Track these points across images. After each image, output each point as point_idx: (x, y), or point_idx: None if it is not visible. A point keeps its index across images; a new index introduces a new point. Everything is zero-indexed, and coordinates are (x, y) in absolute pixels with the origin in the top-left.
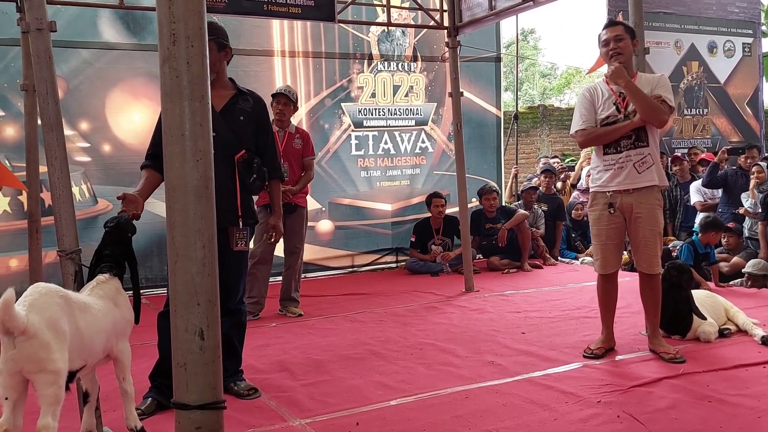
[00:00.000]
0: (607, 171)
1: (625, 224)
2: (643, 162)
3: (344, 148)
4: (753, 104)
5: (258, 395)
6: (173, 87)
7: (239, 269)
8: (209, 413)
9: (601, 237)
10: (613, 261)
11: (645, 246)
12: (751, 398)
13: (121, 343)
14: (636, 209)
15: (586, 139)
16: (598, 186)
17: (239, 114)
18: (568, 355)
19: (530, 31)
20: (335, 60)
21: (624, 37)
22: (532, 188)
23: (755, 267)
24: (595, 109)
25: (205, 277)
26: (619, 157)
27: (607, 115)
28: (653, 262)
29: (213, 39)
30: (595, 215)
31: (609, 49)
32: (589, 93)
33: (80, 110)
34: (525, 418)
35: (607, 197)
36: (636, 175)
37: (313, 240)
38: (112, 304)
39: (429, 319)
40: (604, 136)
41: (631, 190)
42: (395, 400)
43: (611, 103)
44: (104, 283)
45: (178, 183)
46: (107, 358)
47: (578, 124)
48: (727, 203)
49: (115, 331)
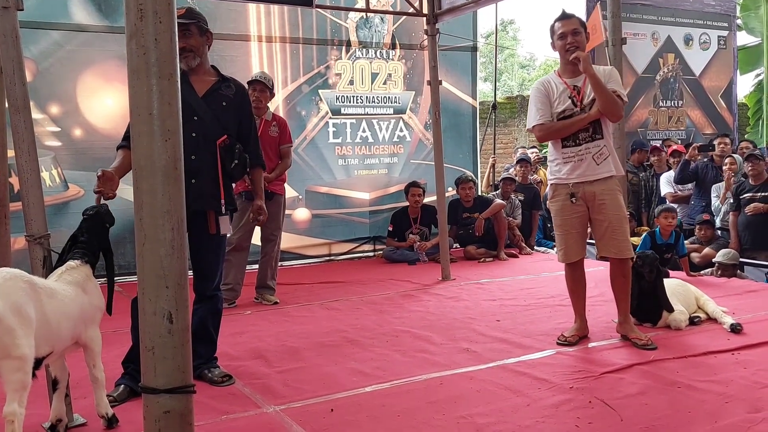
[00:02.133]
0: (567, 164)
1: (587, 213)
2: (600, 154)
3: (321, 136)
4: (727, 97)
5: (232, 382)
6: (140, 64)
7: (217, 255)
8: (178, 397)
9: (565, 226)
10: (576, 249)
11: (612, 231)
12: (718, 384)
13: (91, 330)
14: (599, 196)
15: (544, 133)
16: (558, 178)
17: (221, 99)
18: (541, 342)
19: (509, 22)
20: (313, 46)
21: (580, 30)
22: (510, 179)
23: (725, 257)
24: (551, 102)
25: (174, 259)
26: (578, 149)
27: (563, 109)
28: (623, 246)
29: (194, 23)
30: (558, 206)
31: (566, 42)
32: (543, 87)
33: (50, 93)
34: (498, 404)
35: (568, 188)
36: (595, 167)
37: (290, 228)
38: (81, 291)
39: (405, 306)
40: (563, 130)
41: (591, 180)
42: (370, 386)
43: (566, 96)
44: (74, 269)
45: (145, 163)
46: (76, 345)
47: (535, 119)
48: (699, 196)
49: (84, 317)
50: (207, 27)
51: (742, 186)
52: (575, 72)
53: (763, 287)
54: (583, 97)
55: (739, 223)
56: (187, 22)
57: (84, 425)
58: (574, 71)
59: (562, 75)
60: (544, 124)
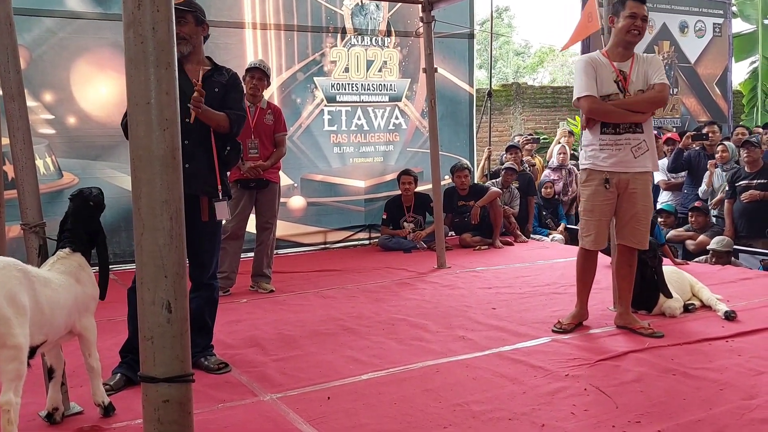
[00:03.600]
0: (603, 150)
1: (616, 200)
2: (639, 147)
3: (317, 124)
4: (722, 84)
5: (228, 370)
6: (138, 53)
7: (212, 242)
8: (177, 386)
9: (596, 212)
10: (603, 237)
11: (638, 221)
12: (714, 371)
13: (85, 319)
14: (632, 185)
15: (595, 107)
16: (594, 164)
17: (215, 86)
18: (537, 329)
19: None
20: (308, 33)
21: (647, 18)
22: (512, 169)
23: (719, 244)
24: (597, 80)
25: (172, 249)
26: (617, 138)
27: (608, 93)
28: (643, 237)
29: (191, 12)
30: (590, 191)
31: (634, 24)
32: (592, 63)
33: (44, 81)
34: (494, 392)
35: (603, 174)
36: (632, 160)
37: (286, 216)
38: (74, 280)
39: (401, 294)
40: (613, 115)
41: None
42: (366, 374)
43: (612, 80)
44: (65, 258)
45: (143, 153)
46: (71, 334)
47: (586, 89)
48: (692, 184)
49: (78, 306)
50: (204, 18)
51: (737, 173)
52: (624, 56)
53: (758, 275)
54: (630, 83)
55: (734, 211)
56: (184, 9)
57: (81, 413)
58: (623, 55)
59: (610, 57)
60: (596, 98)
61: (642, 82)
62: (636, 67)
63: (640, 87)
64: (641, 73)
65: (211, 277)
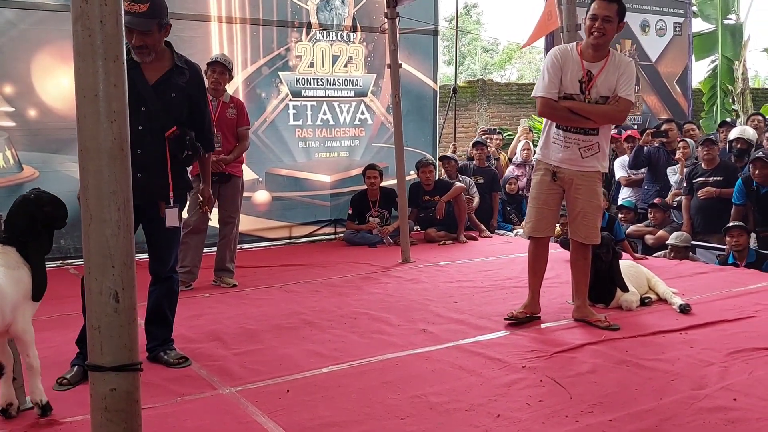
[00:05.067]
0: (554, 144)
1: (563, 194)
2: (589, 149)
3: (281, 118)
4: (682, 83)
5: (188, 364)
6: (86, 46)
7: (169, 239)
8: (124, 375)
9: (539, 201)
10: (544, 225)
11: (584, 217)
12: (666, 363)
13: (20, 321)
14: (577, 181)
15: (548, 110)
16: (542, 155)
17: (172, 90)
18: (496, 323)
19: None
20: (273, 28)
21: (613, 19)
22: (447, 157)
23: (678, 239)
24: (562, 77)
25: (120, 239)
26: (567, 135)
27: (571, 93)
28: (591, 233)
29: (156, 20)
30: (537, 179)
31: (594, 26)
32: (561, 56)
33: (3, 73)
34: (452, 383)
35: (550, 167)
36: (579, 159)
37: (250, 211)
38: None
39: (364, 289)
40: (564, 120)
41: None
42: (327, 367)
43: (577, 80)
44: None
45: (91, 144)
46: (7, 333)
47: (543, 90)
48: (652, 180)
49: (12, 304)
50: (167, 20)
51: (695, 170)
52: (595, 56)
53: (713, 269)
54: (593, 87)
55: (691, 207)
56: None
57: None
58: (594, 56)
59: (583, 55)
60: (550, 101)
61: (607, 88)
62: (606, 70)
63: (603, 93)
64: (610, 79)
65: (170, 270)
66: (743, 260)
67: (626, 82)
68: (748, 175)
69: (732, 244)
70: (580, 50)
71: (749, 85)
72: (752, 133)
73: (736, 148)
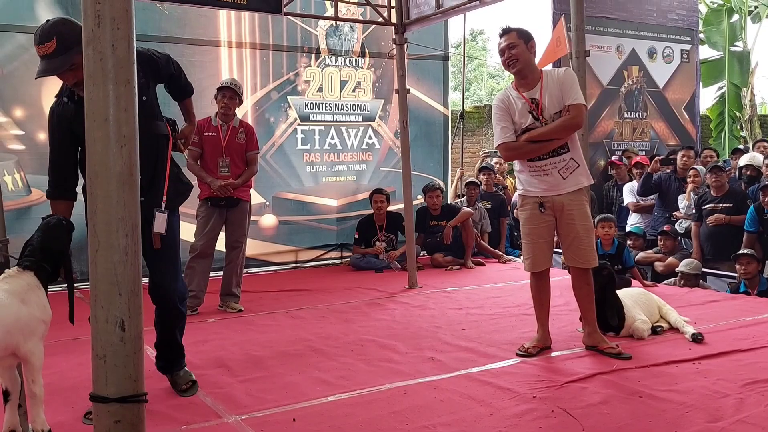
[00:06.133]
0: (533, 177)
1: (555, 223)
2: (567, 168)
3: (290, 143)
4: (690, 109)
5: (194, 392)
6: (97, 70)
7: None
8: (129, 407)
9: (532, 236)
10: (543, 259)
11: (580, 242)
12: (679, 393)
13: (30, 343)
14: (567, 207)
15: (512, 153)
16: (526, 190)
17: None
18: (506, 351)
19: (479, 32)
20: (282, 53)
21: (517, 43)
22: (474, 183)
23: (688, 266)
24: (512, 118)
25: (127, 266)
26: (543, 164)
27: (527, 125)
28: (589, 255)
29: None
30: (526, 215)
31: (505, 58)
32: (503, 103)
33: (15, 97)
34: (462, 414)
35: (537, 198)
36: (561, 181)
37: (257, 235)
38: (18, 300)
39: (371, 315)
40: (531, 153)
41: (559, 194)
42: (333, 396)
43: (526, 111)
44: (12, 277)
45: (100, 169)
46: (14, 357)
47: (501, 137)
48: (662, 207)
49: (21, 328)
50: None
51: (704, 197)
52: (530, 84)
53: (725, 297)
54: (543, 109)
55: (701, 234)
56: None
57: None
58: (528, 84)
59: (519, 88)
60: (509, 144)
61: (556, 104)
62: (547, 89)
63: (555, 110)
64: (554, 95)
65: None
66: (755, 288)
67: (570, 89)
68: (760, 203)
69: (741, 272)
70: (516, 86)
71: (757, 111)
72: (761, 159)
73: (745, 175)
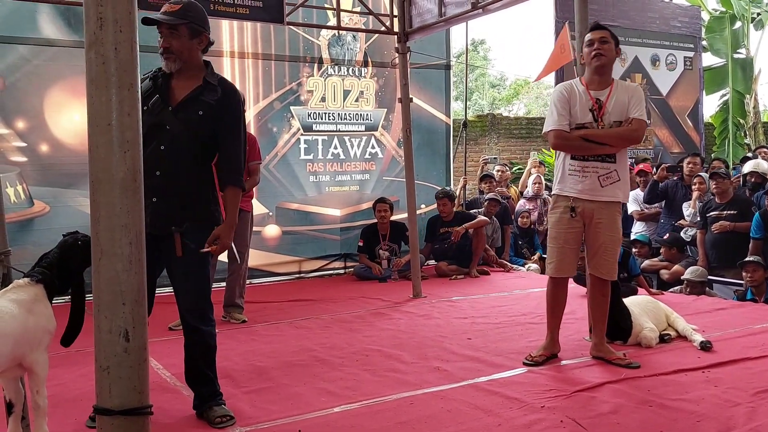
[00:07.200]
0: (571, 176)
1: (583, 229)
2: (608, 177)
3: (293, 152)
4: (693, 116)
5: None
6: (99, 74)
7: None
8: (134, 419)
9: (559, 240)
10: (567, 265)
11: (605, 252)
12: (690, 402)
13: (36, 354)
14: (597, 215)
15: (561, 142)
16: (560, 189)
17: (199, 108)
18: (513, 360)
19: (480, 42)
20: (285, 63)
21: (609, 40)
22: (495, 200)
23: (694, 274)
24: (571, 109)
25: (131, 275)
26: (585, 165)
27: (583, 123)
28: (612, 268)
29: (185, 23)
30: (555, 218)
31: (593, 49)
32: (566, 92)
33: (17, 108)
34: (470, 424)
35: (569, 201)
36: (598, 188)
37: (260, 245)
38: (25, 310)
39: (376, 325)
40: (581, 149)
41: (593, 200)
42: (339, 406)
43: (588, 109)
44: (21, 287)
45: (103, 176)
46: (20, 368)
47: (555, 123)
48: (668, 215)
49: (27, 339)
50: (203, 27)
51: (708, 204)
52: (600, 84)
53: (732, 305)
54: (604, 113)
55: (706, 241)
56: (176, 23)
57: None
58: (599, 83)
59: (588, 85)
60: (562, 132)
61: (619, 113)
62: (614, 96)
63: (616, 118)
64: (620, 102)
65: (199, 318)
66: (762, 295)
67: (637, 104)
68: (766, 209)
69: (748, 279)
70: (585, 82)
71: (761, 118)
72: (766, 166)
73: (750, 182)
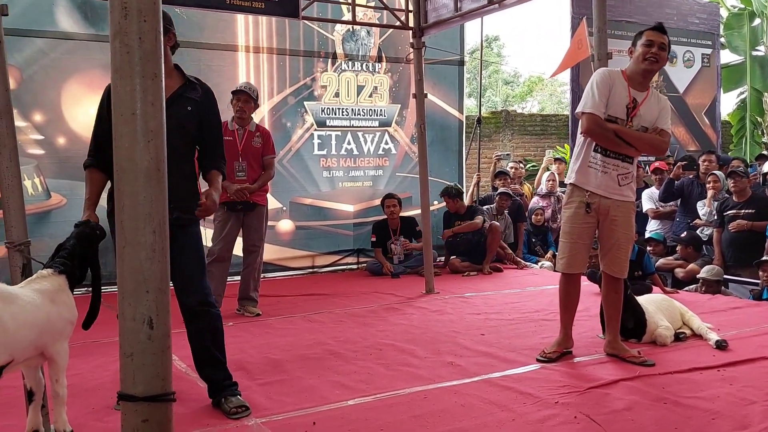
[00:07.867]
0: (590, 168)
1: (596, 226)
2: (626, 176)
3: (306, 148)
4: (710, 114)
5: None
6: (123, 63)
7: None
8: (157, 405)
9: (573, 235)
10: (579, 261)
11: (618, 249)
12: (705, 400)
13: (58, 344)
14: (613, 212)
15: (593, 127)
16: (577, 180)
17: (187, 104)
18: (526, 356)
19: (494, 38)
20: (299, 58)
21: (666, 48)
22: (506, 194)
23: (709, 273)
24: (609, 96)
25: (155, 263)
26: (605, 159)
27: (615, 117)
28: (624, 266)
29: None
30: (570, 212)
31: (650, 51)
32: (610, 79)
33: (34, 101)
34: (483, 419)
35: (584, 196)
36: (616, 187)
37: (274, 240)
38: (48, 300)
39: (389, 319)
40: (606, 141)
41: (609, 197)
42: (353, 399)
43: (624, 104)
44: (44, 278)
45: (127, 165)
46: (42, 357)
47: (592, 106)
48: (684, 213)
49: (50, 329)
50: (169, 27)
51: (726, 203)
52: (642, 86)
53: (748, 304)
54: (636, 115)
55: (723, 240)
56: None
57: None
58: (641, 84)
59: (630, 81)
60: (597, 118)
61: (648, 120)
62: (649, 102)
63: (644, 124)
64: (651, 110)
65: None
66: None
67: (666, 116)
68: None
69: (764, 278)
70: (627, 77)
71: None
72: None
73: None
